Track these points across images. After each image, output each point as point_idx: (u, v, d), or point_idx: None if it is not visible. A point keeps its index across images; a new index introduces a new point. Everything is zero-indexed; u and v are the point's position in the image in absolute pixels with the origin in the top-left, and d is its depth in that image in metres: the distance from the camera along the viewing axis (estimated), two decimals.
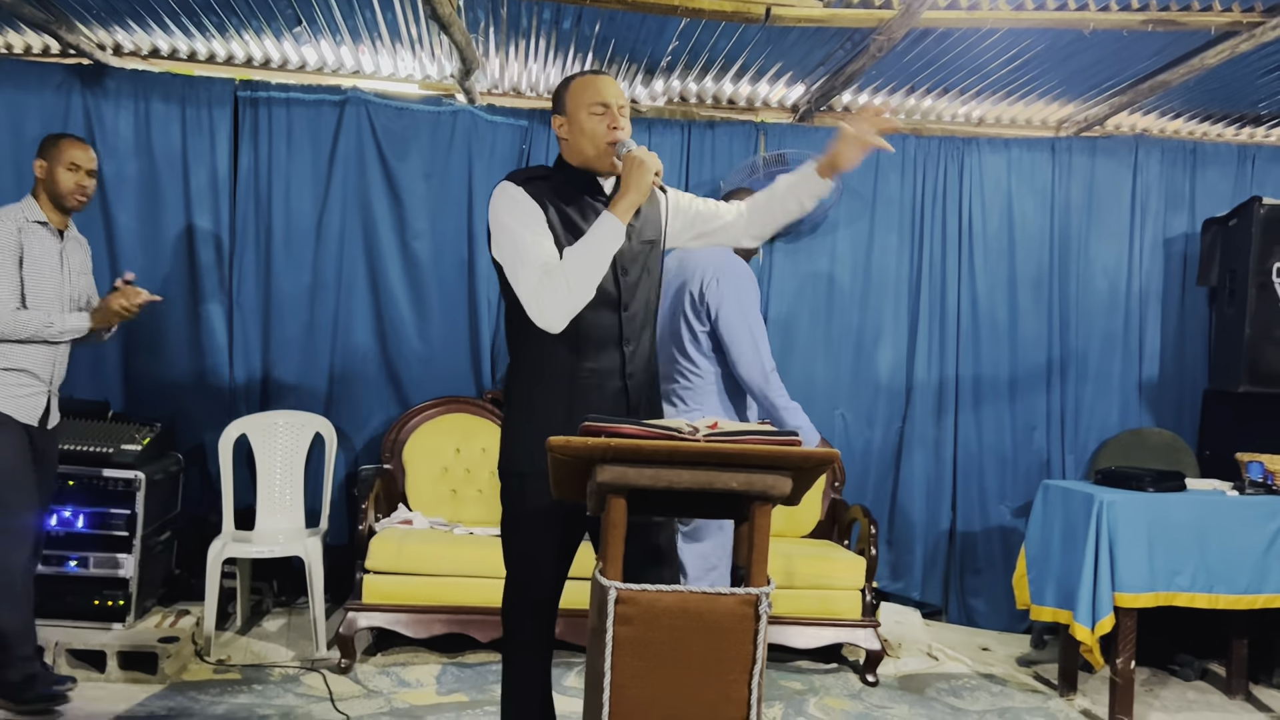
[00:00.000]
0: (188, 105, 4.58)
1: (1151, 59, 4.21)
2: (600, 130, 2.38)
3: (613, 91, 2.41)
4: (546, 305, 2.31)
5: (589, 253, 2.32)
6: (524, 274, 2.32)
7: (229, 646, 4.06)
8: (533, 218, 2.35)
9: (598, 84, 2.41)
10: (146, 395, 4.58)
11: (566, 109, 2.41)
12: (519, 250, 2.33)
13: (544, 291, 2.30)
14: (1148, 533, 3.64)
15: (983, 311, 4.90)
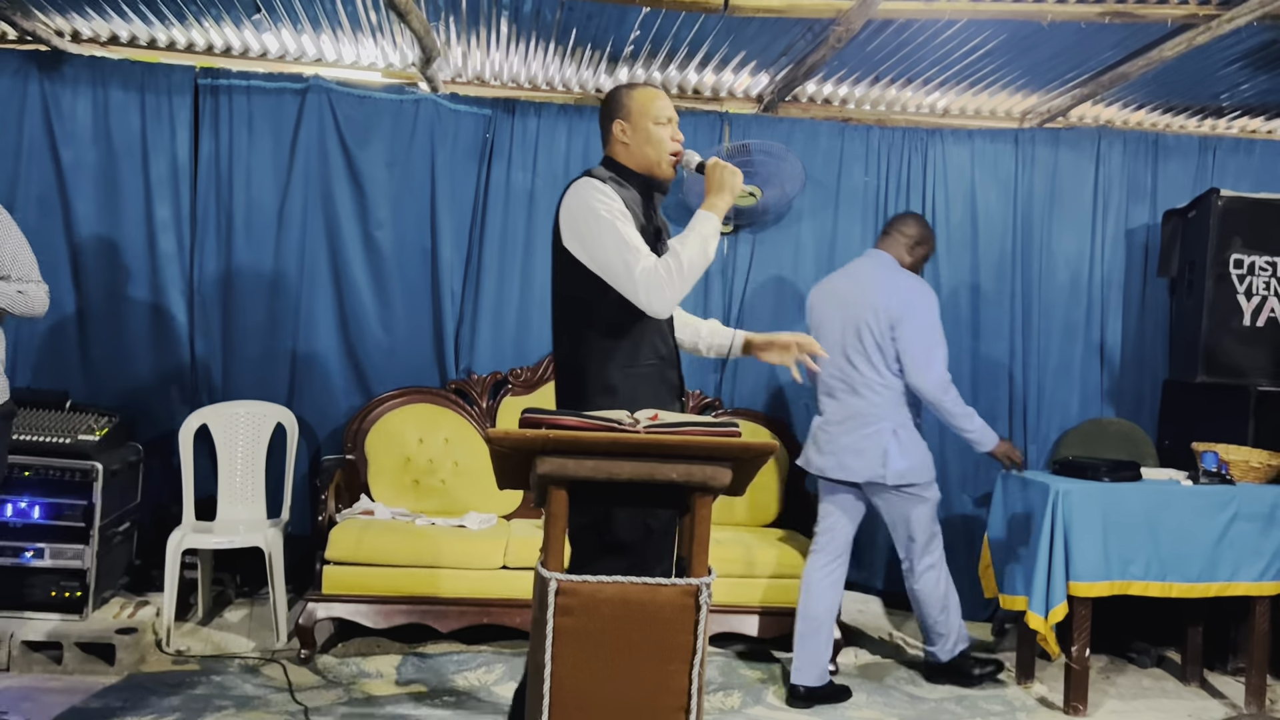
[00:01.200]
0: (147, 93, 4.54)
1: (1111, 51, 4.22)
2: (667, 140, 2.61)
3: (670, 105, 2.65)
4: (662, 292, 2.46)
5: (701, 247, 2.51)
6: (634, 261, 2.45)
7: (189, 637, 4.05)
8: (626, 213, 2.52)
9: (662, 99, 2.64)
10: (106, 385, 4.55)
11: (631, 117, 2.61)
12: (625, 241, 2.47)
13: (658, 279, 2.45)
14: (1102, 522, 3.68)
15: (945, 302, 4.89)
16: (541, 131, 4.78)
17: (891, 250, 3.86)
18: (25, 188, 4.48)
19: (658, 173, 2.64)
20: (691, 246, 2.49)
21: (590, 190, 2.52)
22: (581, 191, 2.53)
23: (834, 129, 4.94)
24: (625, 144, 2.63)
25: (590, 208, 2.50)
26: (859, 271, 3.88)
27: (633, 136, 2.61)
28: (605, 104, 2.68)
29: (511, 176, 4.77)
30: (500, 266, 4.76)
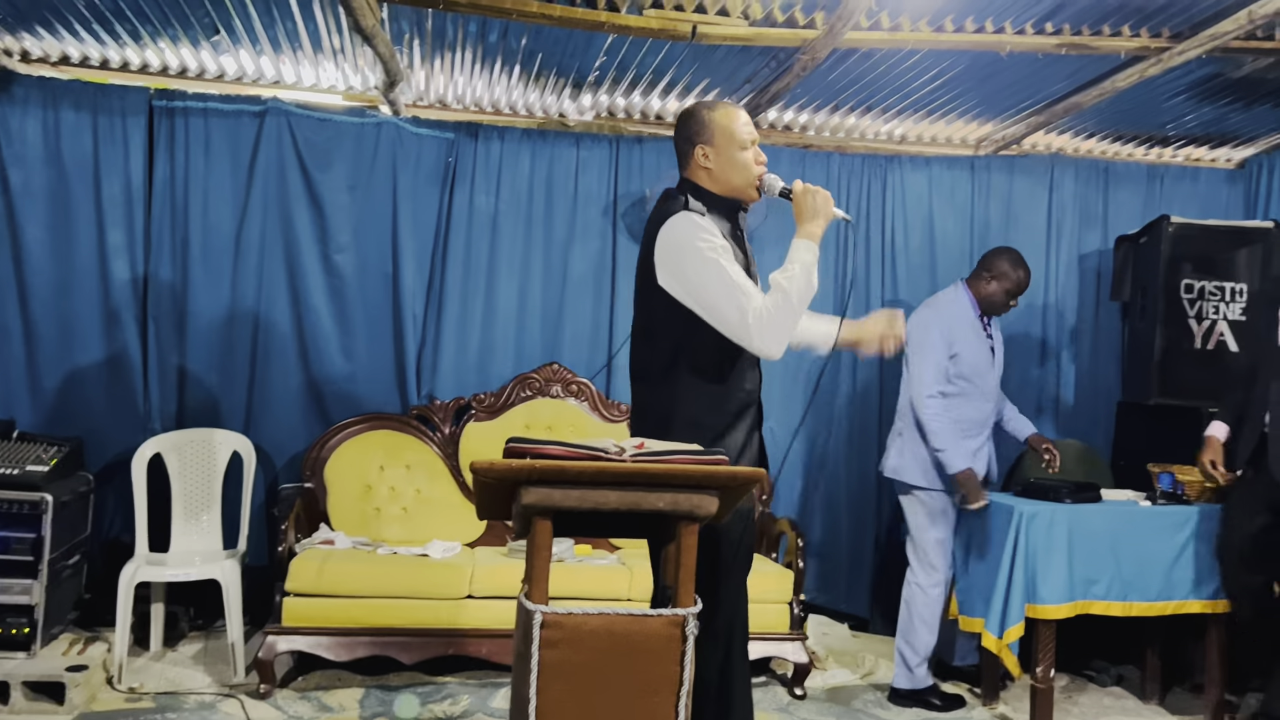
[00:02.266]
0: (100, 114, 4.44)
1: (1065, 81, 4.32)
2: (752, 165, 2.52)
3: (752, 125, 2.56)
4: (778, 334, 2.38)
5: (806, 279, 2.42)
6: (745, 305, 2.36)
7: (142, 673, 3.93)
8: (727, 247, 2.43)
9: (745, 119, 2.54)
10: (56, 413, 4.42)
11: (715, 140, 2.50)
12: (734, 283, 2.37)
13: (772, 321, 2.36)
14: (1067, 544, 3.73)
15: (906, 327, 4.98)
16: (505, 156, 4.76)
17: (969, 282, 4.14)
18: None
19: (741, 196, 2.55)
20: (798, 280, 2.40)
21: (691, 227, 2.41)
22: (681, 228, 2.41)
23: (795, 156, 4.99)
24: (708, 169, 2.52)
25: (694, 247, 2.38)
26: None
27: (716, 161, 2.51)
28: (683, 124, 2.55)
29: (475, 200, 4.74)
30: (463, 291, 4.72)
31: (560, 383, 4.73)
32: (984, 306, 4.07)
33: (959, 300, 4.07)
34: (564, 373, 4.74)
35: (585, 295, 4.84)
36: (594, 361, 4.82)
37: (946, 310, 4.04)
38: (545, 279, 4.81)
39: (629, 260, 4.85)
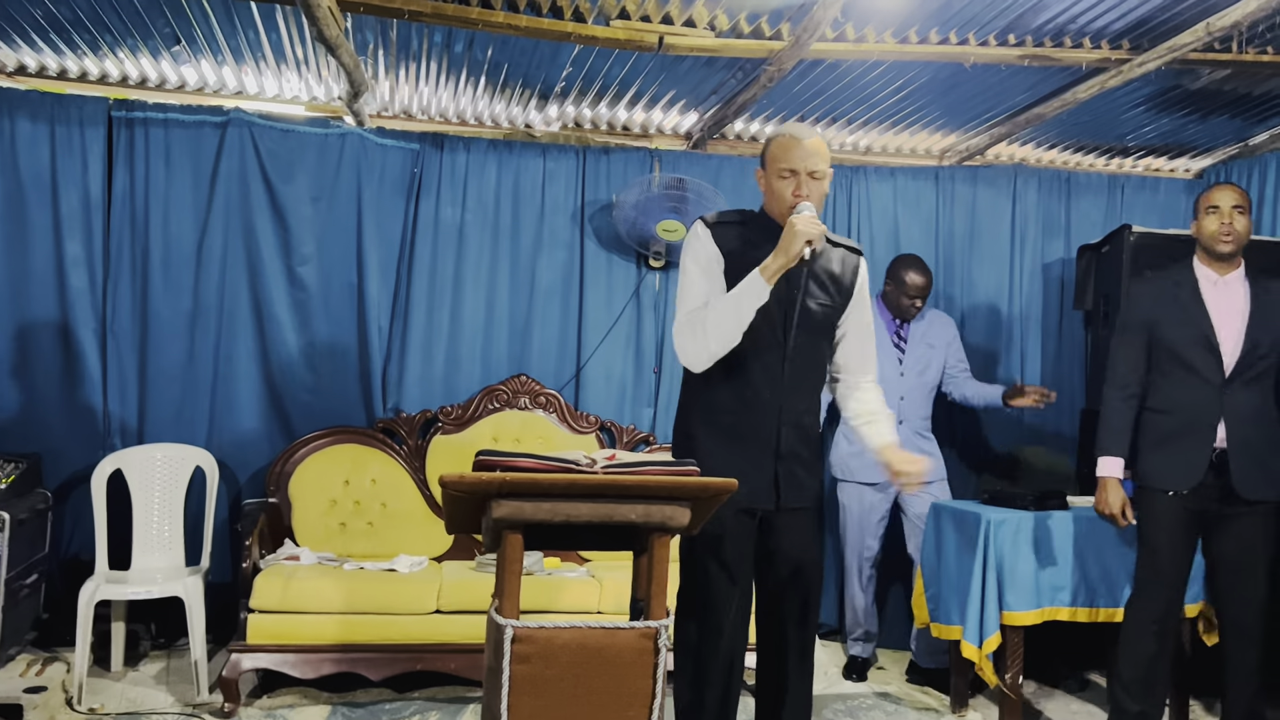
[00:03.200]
0: (57, 124, 4.36)
1: (1027, 92, 4.37)
2: (786, 195, 2.61)
3: (802, 157, 2.60)
4: (682, 343, 2.64)
5: (733, 306, 2.54)
6: (679, 310, 2.67)
7: (103, 694, 3.85)
8: (709, 261, 2.65)
9: (791, 150, 2.61)
10: (12, 429, 4.32)
11: (765, 166, 2.69)
12: (682, 291, 2.69)
13: (681, 330, 2.64)
14: (1033, 551, 3.75)
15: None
16: (471, 166, 4.74)
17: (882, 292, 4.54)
18: None
19: (782, 224, 2.60)
20: (723, 304, 2.56)
21: (689, 236, 2.73)
22: (686, 237, 2.76)
23: None
24: (764, 192, 2.72)
25: (682, 255, 2.74)
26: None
27: (764, 184, 2.71)
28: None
29: (440, 211, 4.71)
30: (429, 302, 4.68)
31: (528, 394, 4.70)
32: (892, 311, 4.44)
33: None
34: (532, 384, 4.71)
35: (553, 306, 4.82)
36: (562, 373, 4.81)
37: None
38: (512, 290, 4.78)
39: (596, 270, 4.84)
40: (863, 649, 4.50)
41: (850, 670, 4.46)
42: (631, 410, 4.85)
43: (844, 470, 4.48)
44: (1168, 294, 3.41)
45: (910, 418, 4.39)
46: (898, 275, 4.39)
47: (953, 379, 4.53)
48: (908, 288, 4.36)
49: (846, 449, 4.45)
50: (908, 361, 4.43)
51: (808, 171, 2.60)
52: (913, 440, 4.37)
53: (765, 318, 2.59)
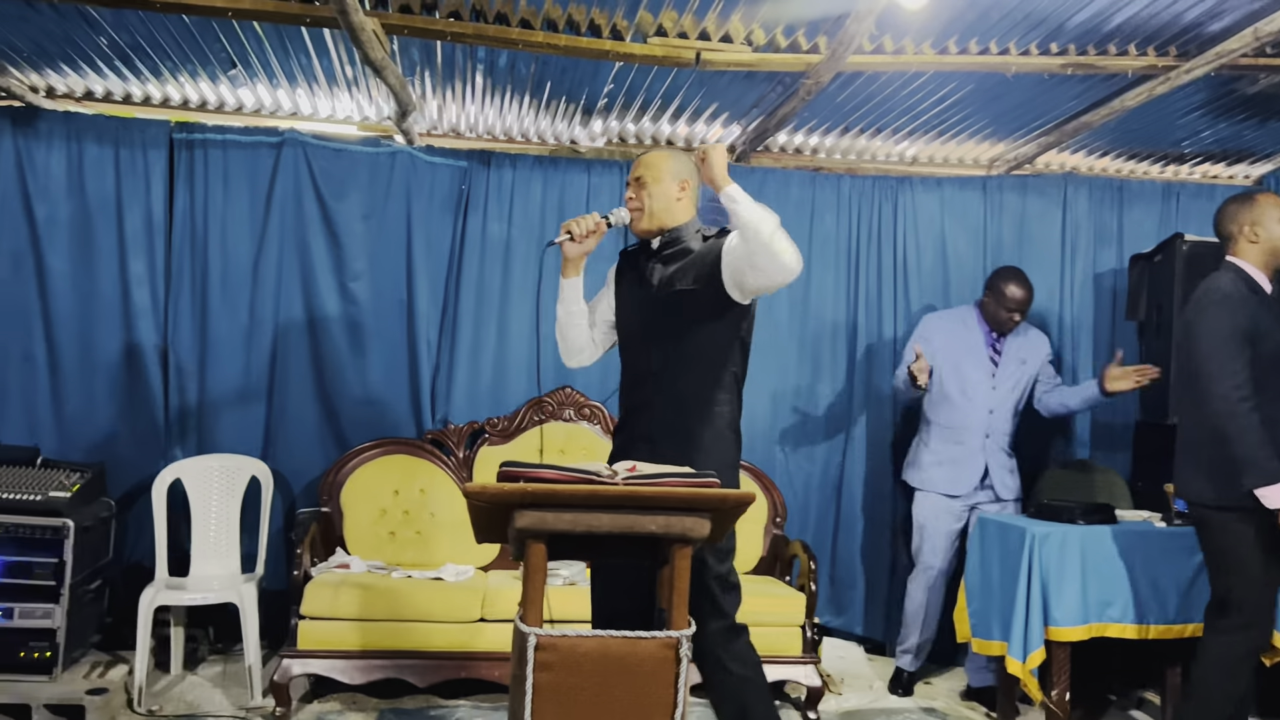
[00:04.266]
0: (121, 147, 4.55)
1: (1074, 101, 4.32)
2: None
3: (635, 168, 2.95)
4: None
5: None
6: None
7: (162, 696, 3.98)
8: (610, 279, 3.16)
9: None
10: (79, 440, 4.51)
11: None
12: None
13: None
14: (1080, 566, 3.69)
15: None
16: (517, 183, 4.82)
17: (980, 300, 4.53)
18: None
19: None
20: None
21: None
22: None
23: (805, 178, 5.01)
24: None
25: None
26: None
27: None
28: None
29: (487, 227, 4.79)
30: (476, 316, 4.77)
31: (573, 406, 4.76)
32: (990, 323, 4.36)
33: (957, 315, 4.50)
34: (576, 396, 4.77)
35: None
36: (606, 385, 4.85)
37: (934, 321, 4.49)
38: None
39: None
40: (911, 662, 4.44)
41: (896, 684, 4.42)
42: None
43: (923, 480, 4.44)
44: (1251, 304, 3.23)
45: (996, 433, 4.36)
46: (996, 287, 4.34)
47: (1046, 393, 4.46)
48: (1006, 300, 4.30)
49: (929, 458, 4.42)
50: (1000, 375, 4.39)
51: (633, 179, 2.91)
52: (997, 456, 4.36)
53: (628, 315, 2.95)
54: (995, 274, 4.40)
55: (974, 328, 4.42)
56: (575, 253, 2.93)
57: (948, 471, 4.37)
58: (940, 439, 4.41)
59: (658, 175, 2.86)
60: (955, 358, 4.39)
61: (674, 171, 2.89)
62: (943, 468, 4.38)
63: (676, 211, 2.89)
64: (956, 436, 4.37)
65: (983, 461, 4.35)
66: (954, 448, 4.37)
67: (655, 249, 2.90)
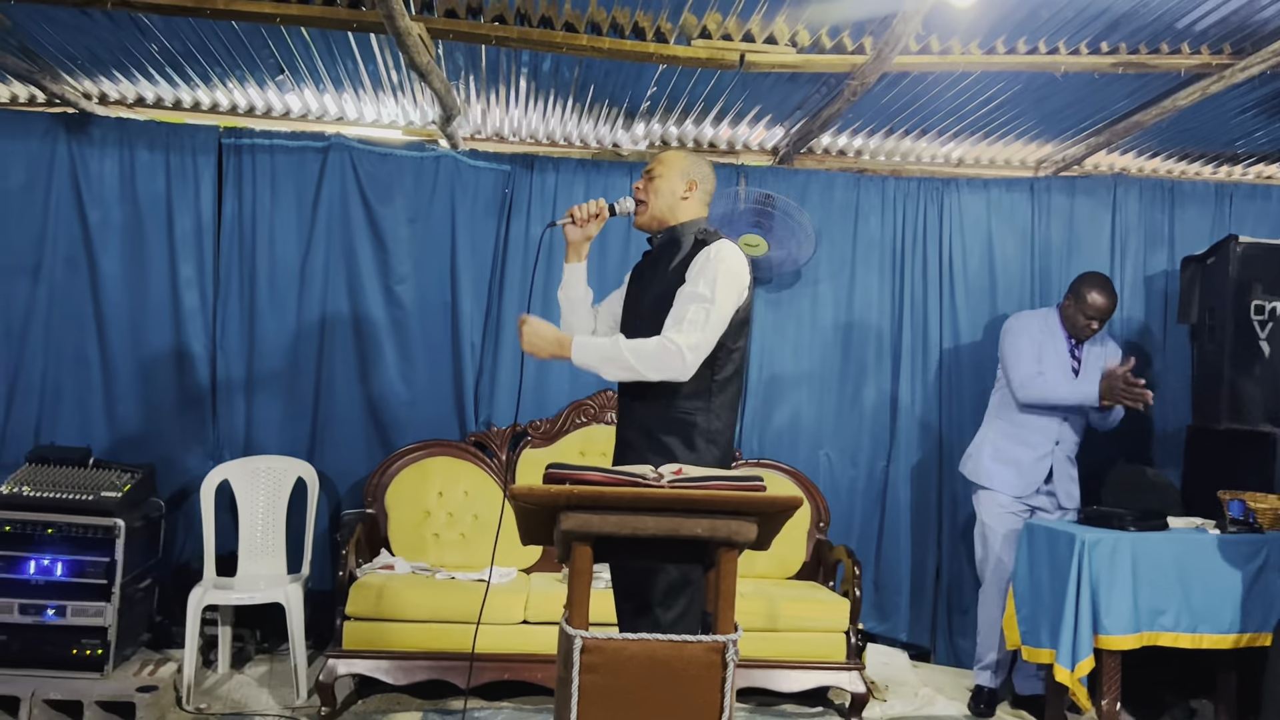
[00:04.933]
0: (172, 152, 4.62)
1: (1124, 100, 4.25)
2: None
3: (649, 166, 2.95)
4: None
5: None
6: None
7: (209, 694, 4.03)
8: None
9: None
10: (129, 441, 4.58)
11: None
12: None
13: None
14: (1131, 573, 3.63)
15: (965, 351, 4.91)
16: (560, 186, 4.83)
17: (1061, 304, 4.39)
18: (53, 247, 4.55)
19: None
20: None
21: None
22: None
23: (849, 180, 4.98)
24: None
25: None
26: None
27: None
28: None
29: (530, 231, 4.81)
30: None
31: (614, 409, 4.75)
32: (1068, 328, 4.28)
33: (1040, 316, 4.35)
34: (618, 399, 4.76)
35: None
36: None
37: (1025, 320, 4.34)
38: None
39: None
40: (992, 679, 4.25)
41: (977, 703, 4.21)
42: None
43: (980, 475, 4.31)
44: None
45: (1065, 440, 4.26)
46: (1079, 292, 4.22)
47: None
48: (1086, 307, 4.19)
49: (989, 454, 4.31)
50: (1082, 380, 4.23)
51: (644, 172, 2.91)
52: (1063, 464, 4.25)
53: (626, 314, 2.92)
54: (1080, 279, 4.26)
55: (1055, 331, 4.29)
56: (576, 236, 2.92)
57: (1009, 471, 4.25)
58: (1007, 437, 4.28)
59: (667, 171, 2.86)
60: (1042, 360, 4.25)
61: (684, 170, 2.87)
62: (1004, 466, 4.26)
63: (679, 209, 2.86)
64: (1025, 438, 4.24)
65: (1048, 466, 4.23)
66: (1019, 448, 4.24)
67: (651, 248, 2.93)
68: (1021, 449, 4.25)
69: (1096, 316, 4.20)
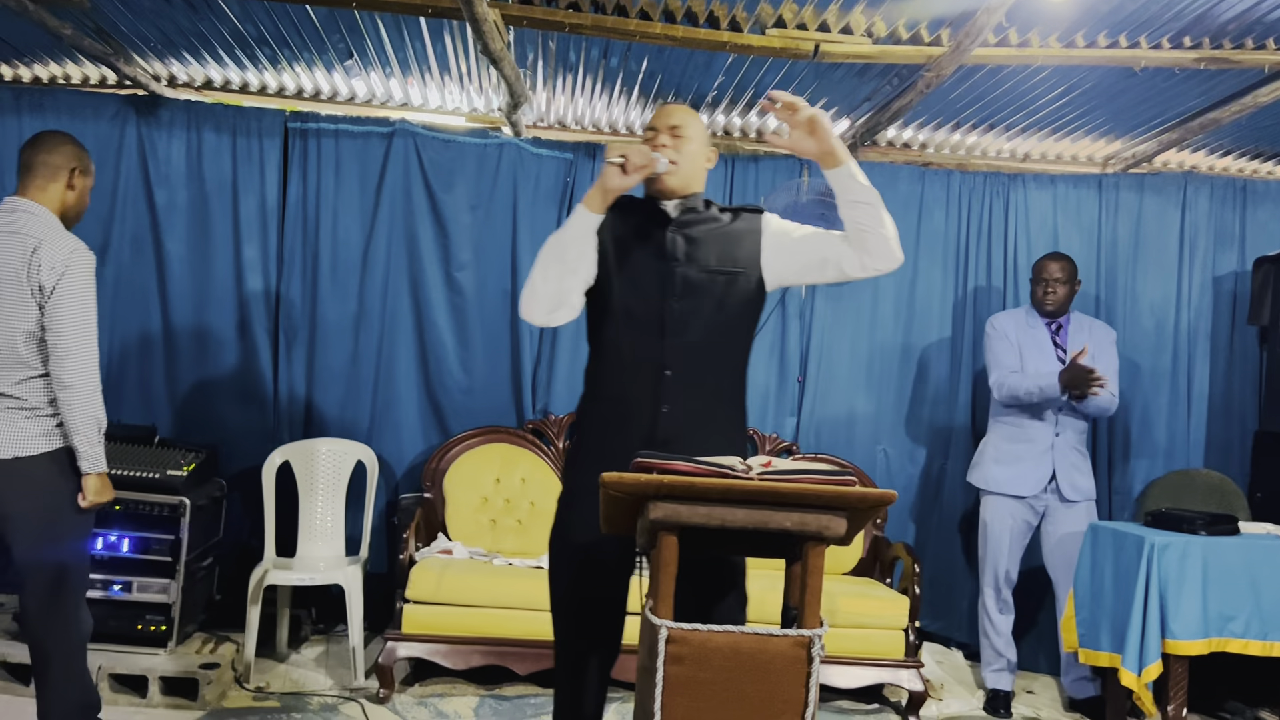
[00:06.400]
0: (238, 135, 4.65)
1: (1201, 97, 4.17)
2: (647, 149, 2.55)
3: (662, 115, 2.61)
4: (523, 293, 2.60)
5: (554, 240, 2.53)
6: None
7: (268, 673, 4.07)
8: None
9: (656, 115, 2.63)
10: (193, 421, 4.62)
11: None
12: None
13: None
14: (1201, 577, 3.57)
15: None
16: None
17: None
18: (120, 227, 4.60)
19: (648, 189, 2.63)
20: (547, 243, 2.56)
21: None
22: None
23: (914, 173, 4.93)
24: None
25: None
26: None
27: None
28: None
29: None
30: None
31: None
32: (1040, 309, 4.28)
33: (1017, 313, 4.39)
34: None
35: None
36: None
37: (1000, 321, 4.36)
38: None
39: None
40: (1008, 681, 4.26)
41: (995, 705, 4.21)
42: (774, 419, 4.83)
43: (986, 480, 4.29)
44: None
45: (1068, 430, 4.21)
46: (1034, 269, 4.31)
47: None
48: (1038, 274, 4.26)
49: (992, 457, 4.28)
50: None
51: (667, 127, 2.55)
52: (1068, 455, 4.20)
53: (638, 292, 2.51)
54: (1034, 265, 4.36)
55: (1034, 321, 4.29)
56: (618, 184, 2.44)
57: (1011, 471, 4.21)
58: (1006, 437, 4.26)
59: (695, 135, 2.57)
60: (1024, 354, 4.26)
61: (705, 136, 2.63)
62: (1006, 467, 4.22)
63: (699, 179, 2.61)
64: (1024, 434, 4.21)
65: (1050, 461, 4.17)
66: (1020, 446, 4.21)
67: (674, 216, 2.56)
68: (1022, 446, 4.21)
69: (1049, 278, 4.22)
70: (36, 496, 2.79)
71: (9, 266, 2.78)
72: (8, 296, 2.77)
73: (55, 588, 2.83)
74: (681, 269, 2.52)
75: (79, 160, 2.98)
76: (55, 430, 2.82)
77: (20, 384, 2.79)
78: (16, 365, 2.79)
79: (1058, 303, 4.22)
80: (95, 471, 2.84)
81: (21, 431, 2.78)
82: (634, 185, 2.49)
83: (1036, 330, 4.27)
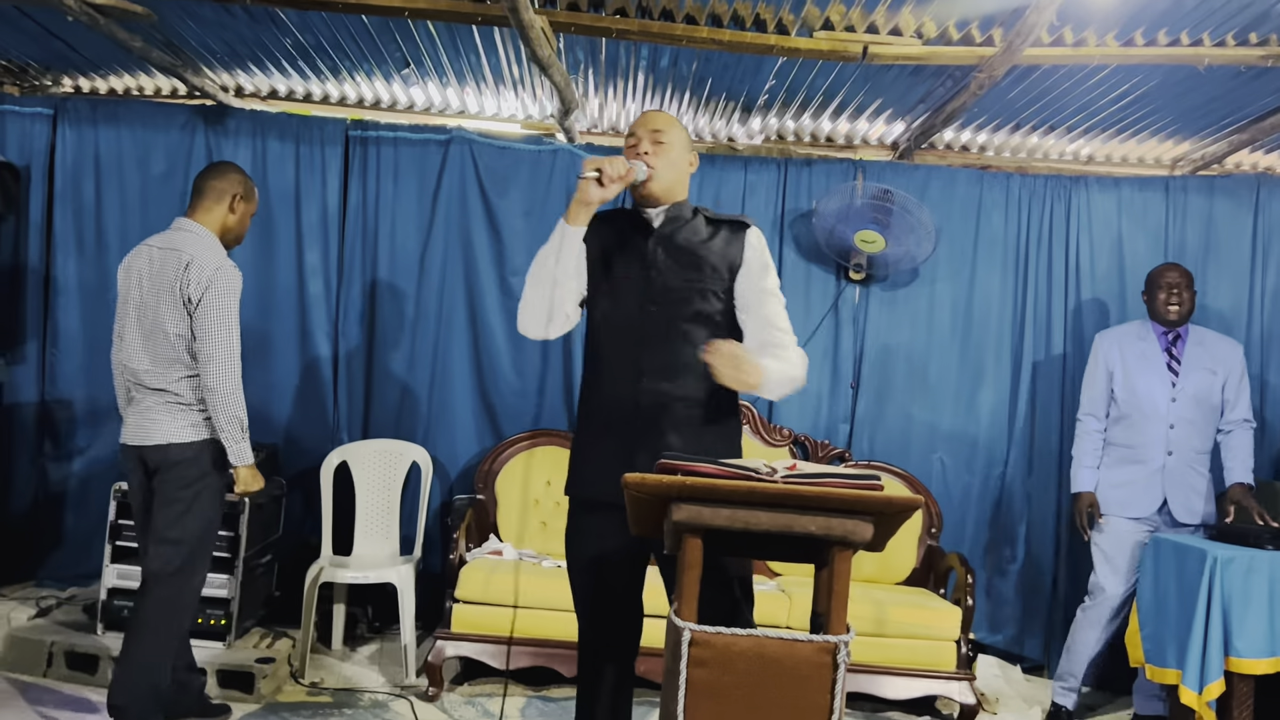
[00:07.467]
0: (302, 144, 4.77)
1: (1273, 95, 4.02)
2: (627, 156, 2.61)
3: (642, 123, 2.63)
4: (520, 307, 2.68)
5: (539, 258, 2.61)
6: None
7: (323, 669, 4.15)
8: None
9: (636, 122, 2.66)
10: (256, 420, 4.65)
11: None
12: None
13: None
14: (1268, 593, 3.44)
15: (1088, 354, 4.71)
16: None
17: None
18: None
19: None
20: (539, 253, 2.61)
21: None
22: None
23: (972, 176, 4.84)
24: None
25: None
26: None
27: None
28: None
29: None
30: None
31: None
32: (1157, 319, 4.12)
33: (1127, 329, 4.24)
34: None
35: None
36: None
37: (1103, 340, 4.23)
38: None
39: (795, 281, 4.79)
40: (1072, 700, 4.11)
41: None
42: (827, 425, 4.78)
43: (1101, 504, 4.09)
44: None
45: (1181, 449, 4.00)
46: (1150, 277, 4.15)
47: (1222, 434, 4.10)
48: (1158, 280, 4.09)
49: (1105, 479, 4.10)
50: (1182, 386, 4.02)
51: (649, 132, 2.57)
52: (1184, 475, 4.01)
53: (618, 301, 2.59)
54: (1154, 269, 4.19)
55: (1146, 335, 4.11)
56: (596, 197, 2.48)
57: (1123, 494, 4.05)
58: (1117, 459, 4.09)
59: (676, 140, 2.58)
60: (1129, 371, 4.09)
61: (687, 142, 2.64)
62: (1118, 490, 4.06)
63: (681, 185, 2.63)
64: (1135, 455, 4.04)
65: (1161, 482, 4.00)
66: (1131, 468, 4.04)
67: (656, 226, 2.60)
68: (1134, 467, 4.04)
69: (1171, 284, 4.05)
70: (181, 478, 3.16)
71: (166, 279, 3.16)
72: (165, 304, 3.16)
73: (176, 560, 3.16)
74: (660, 277, 2.57)
75: (242, 187, 3.32)
76: (204, 423, 3.19)
77: (177, 381, 3.18)
78: (174, 364, 3.18)
79: (1183, 311, 4.05)
80: (242, 464, 3.21)
81: (175, 421, 3.17)
82: (613, 196, 2.51)
83: (1147, 344, 4.09)
